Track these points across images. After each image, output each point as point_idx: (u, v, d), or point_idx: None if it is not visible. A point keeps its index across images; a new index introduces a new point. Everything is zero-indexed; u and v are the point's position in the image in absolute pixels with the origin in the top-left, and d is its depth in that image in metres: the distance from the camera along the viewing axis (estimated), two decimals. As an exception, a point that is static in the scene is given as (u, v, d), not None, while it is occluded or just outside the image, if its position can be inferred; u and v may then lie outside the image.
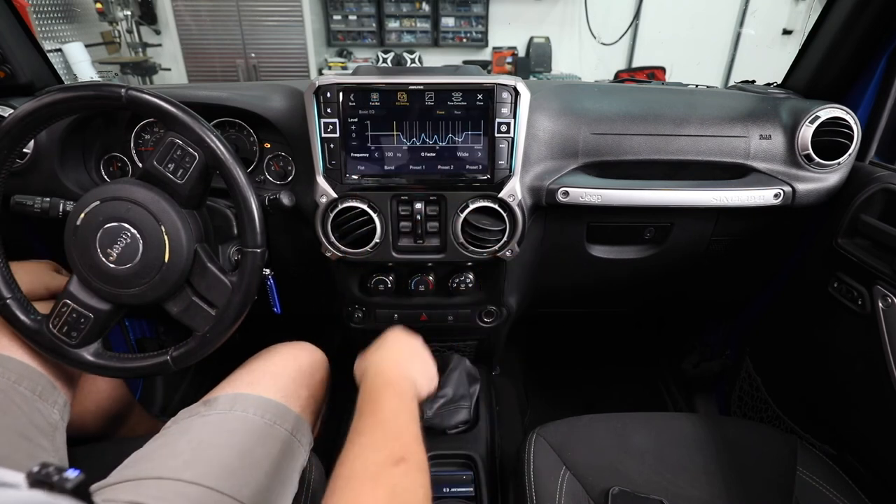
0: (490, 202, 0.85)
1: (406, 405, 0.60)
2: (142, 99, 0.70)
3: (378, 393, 0.60)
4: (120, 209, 0.72)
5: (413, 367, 0.72)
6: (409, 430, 0.55)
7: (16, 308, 0.74)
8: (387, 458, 0.49)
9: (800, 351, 1.05)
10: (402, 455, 0.50)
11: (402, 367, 0.69)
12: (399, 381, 0.64)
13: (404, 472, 0.49)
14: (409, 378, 0.67)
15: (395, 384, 0.63)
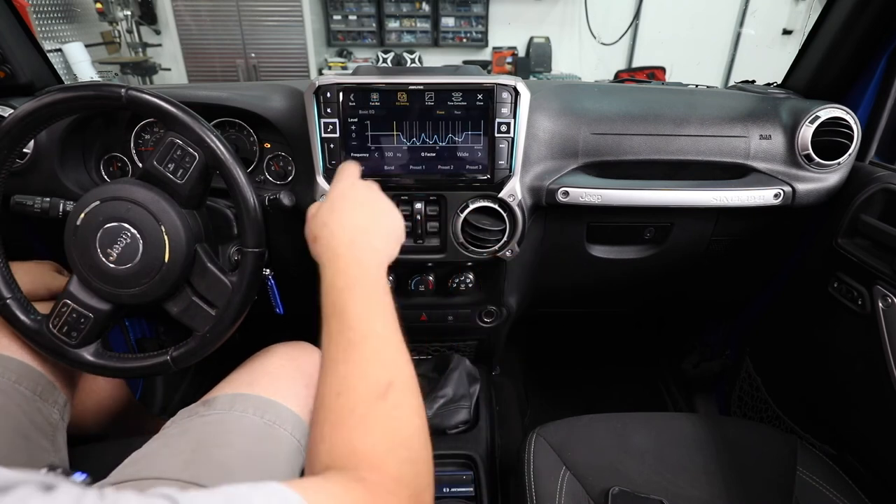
0: (490, 202, 0.85)
1: (379, 307, 0.52)
2: (142, 99, 0.70)
3: (343, 299, 0.51)
4: (120, 209, 0.72)
5: (376, 236, 0.59)
6: (389, 341, 0.49)
7: (16, 308, 0.74)
8: (373, 388, 0.44)
9: (800, 351, 1.05)
10: (388, 381, 0.45)
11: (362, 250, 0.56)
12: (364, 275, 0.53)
13: (395, 404, 0.44)
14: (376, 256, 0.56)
15: (360, 281, 0.53)
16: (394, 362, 0.47)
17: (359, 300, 0.51)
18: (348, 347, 0.47)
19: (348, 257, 0.55)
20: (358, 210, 0.61)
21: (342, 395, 0.44)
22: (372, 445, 0.41)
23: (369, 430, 0.41)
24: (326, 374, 0.46)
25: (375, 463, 0.39)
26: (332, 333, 0.49)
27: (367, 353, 0.47)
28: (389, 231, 0.63)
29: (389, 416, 0.43)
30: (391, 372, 0.46)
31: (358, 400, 0.43)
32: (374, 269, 0.55)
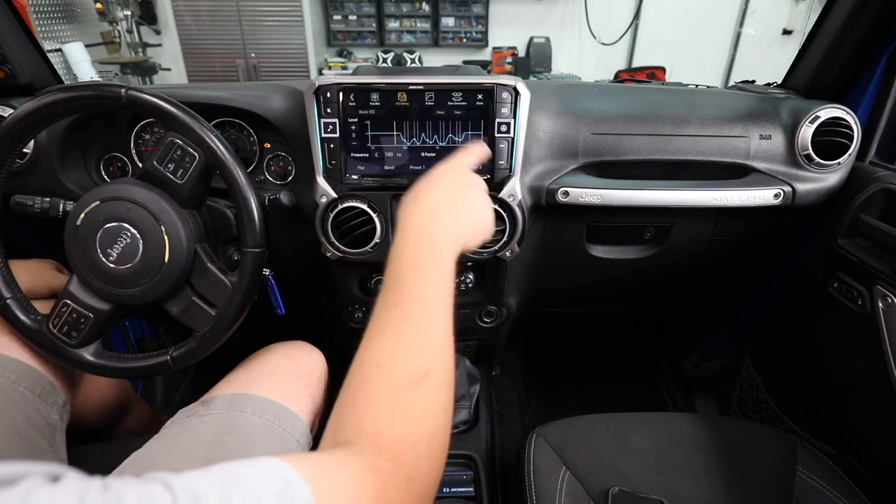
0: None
1: (436, 286, 0.49)
2: (142, 99, 0.70)
3: (405, 273, 0.49)
4: (120, 209, 0.72)
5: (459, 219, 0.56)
6: (439, 326, 0.47)
7: (16, 308, 0.74)
8: (412, 371, 0.43)
9: (800, 351, 1.05)
10: (427, 368, 0.44)
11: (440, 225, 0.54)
12: (433, 251, 0.51)
13: (427, 394, 0.43)
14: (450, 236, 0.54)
15: (428, 257, 0.50)
16: (438, 351, 0.46)
17: (421, 275, 0.49)
18: (400, 321, 0.46)
19: (423, 229, 0.53)
20: (450, 189, 0.59)
21: (383, 367, 0.43)
22: (397, 433, 0.40)
23: (399, 417, 0.41)
24: (371, 342, 0.45)
25: (396, 453, 0.39)
26: (387, 302, 0.48)
27: (416, 333, 0.46)
28: (474, 219, 0.60)
29: (421, 406, 0.43)
30: (433, 360, 0.45)
31: (395, 379, 0.43)
32: (445, 250, 0.52)
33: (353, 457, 0.38)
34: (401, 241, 0.52)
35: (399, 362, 0.44)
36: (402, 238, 0.53)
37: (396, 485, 0.38)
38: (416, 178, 0.83)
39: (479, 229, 0.61)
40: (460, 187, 0.60)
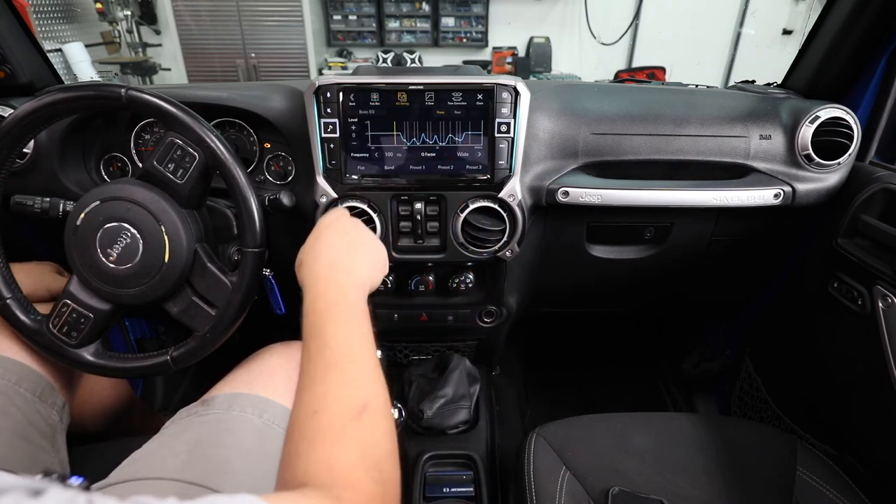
0: (490, 202, 0.85)
1: (356, 329, 0.52)
2: (142, 99, 0.70)
3: (322, 321, 0.52)
4: (120, 209, 0.72)
5: (358, 264, 0.61)
6: (365, 364, 0.50)
7: (16, 308, 0.74)
8: (349, 408, 0.45)
9: (800, 351, 1.05)
10: (363, 402, 0.46)
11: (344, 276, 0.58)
12: (342, 297, 0.55)
13: (369, 425, 0.45)
14: (357, 284, 0.58)
15: (338, 303, 0.54)
16: (370, 385, 0.48)
17: (337, 322, 0.52)
18: (326, 368, 0.48)
19: (328, 279, 0.56)
20: (341, 237, 0.64)
21: (319, 413, 0.45)
22: (348, 464, 0.42)
23: (346, 449, 0.42)
24: (303, 393, 0.47)
25: (351, 481, 0.40)
26: (310, 354, 0.50)
27: (344, 374, 0.48)
28: (372, 258, 0.65)
29: (364, 436, 0.44)
30: (367, 394, 0.47)
31: (334, 418, 0.44)
32: (353, 293, 0.56)
33: (313, 492, 0.39)
34: (310, 295, 0.55)
35: (335, 403, 0.45)
36: (311, 292, 0.55)
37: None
38: (415, 177, 0.84)
39: (379, 266, 0.66)
40: (348, 233, 0.65)
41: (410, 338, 1.18)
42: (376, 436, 0.45)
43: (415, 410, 1.06)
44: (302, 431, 0.44)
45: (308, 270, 0.58)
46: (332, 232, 0.64)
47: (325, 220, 0.67)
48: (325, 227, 0.65)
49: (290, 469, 0.43)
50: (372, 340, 0.52)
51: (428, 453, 1.05)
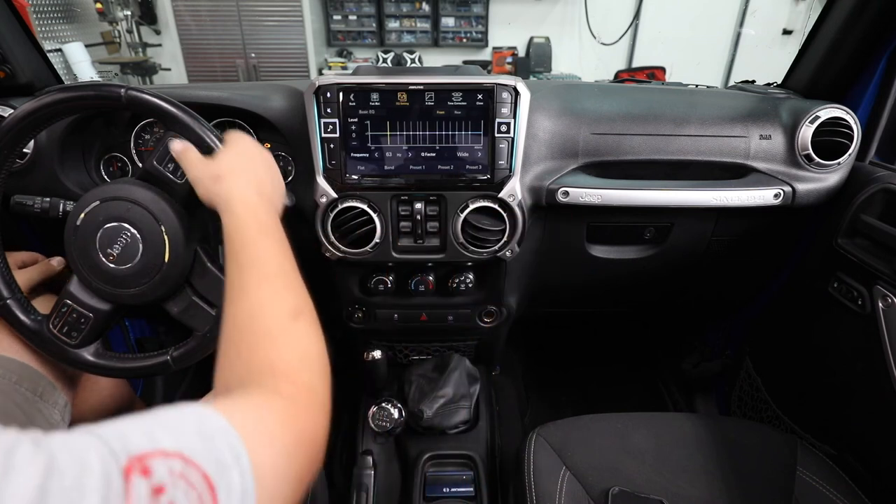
0: (490, 202, 0.85)
1: (282, 246, 0.56)
2: (141, 99, 0.70)
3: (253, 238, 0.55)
4: (120, 209, 0.72)
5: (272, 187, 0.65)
6: (295, 276, 0.53)
7: (16, 308, 0.74)
8: (286, 313, 0.48)
9: (800, 351, 1.05)
10: (299, 308, 0.50)
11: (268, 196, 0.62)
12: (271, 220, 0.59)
13: (305, 327, 0.48)
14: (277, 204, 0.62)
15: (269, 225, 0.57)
16: (302, 295, 0.52)
17: (266, 239, 0.55)
18: (259, 280, 0.51)
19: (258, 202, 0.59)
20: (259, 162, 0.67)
21: (257, 318, 0.48)
22: (288, 361, 0.45)
23: (285, 348, 0.46)
24: (238, 301, 0.49)
25: (291, 376, 0.43)
26: (241, 267, 0.52)
27: (277, 285, 0.51)
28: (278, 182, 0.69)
29: (302, 336, 0.48)
30: (300, 301, 0.51)
31: (273, 322, 0.47)
32: (276, 216, 0.60)
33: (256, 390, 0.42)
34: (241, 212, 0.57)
35: (273, 308, 0.49)
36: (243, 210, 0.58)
37: (302, 399, 0.42)
38: (415, 177, 0.84)
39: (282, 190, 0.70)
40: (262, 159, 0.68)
41: (410, 338, 1.18)
42: (311, 337, 0.49)
43: (415, 410, 1.06)
44: (241, 335, 0.46)
45: (233, 187, 0.60)
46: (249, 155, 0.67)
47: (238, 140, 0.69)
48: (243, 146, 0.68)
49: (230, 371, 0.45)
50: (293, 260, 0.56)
51: (428, 453, 1.05)
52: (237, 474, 0.32)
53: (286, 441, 0.38)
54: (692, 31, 4.26)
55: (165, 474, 0.28)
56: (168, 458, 0.28)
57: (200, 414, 0.33)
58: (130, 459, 0.27)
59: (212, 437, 0.32)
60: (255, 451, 0.34)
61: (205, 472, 0.30)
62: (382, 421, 1.04)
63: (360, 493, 0.98)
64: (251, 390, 0.42)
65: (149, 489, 0.26)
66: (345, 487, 1.05)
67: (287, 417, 0.39)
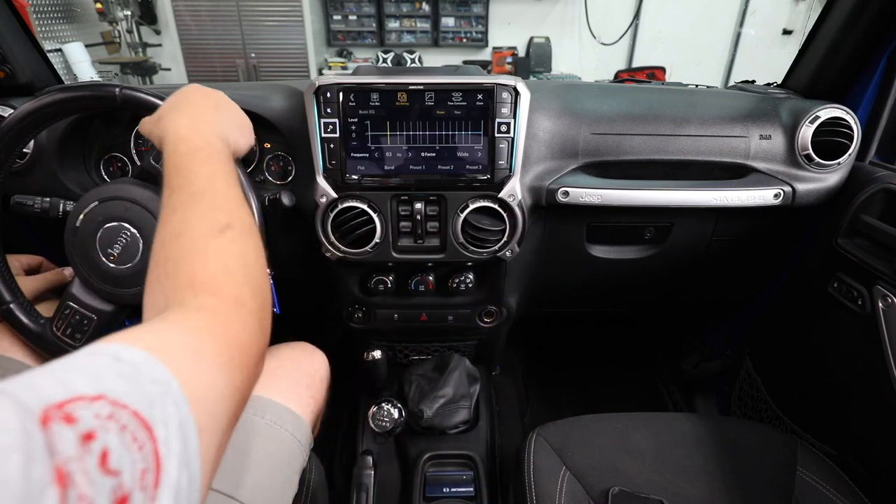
0: (490, 202, 0.85)
1: (220, 167, 0.54)
2: (136, 97, 0.70)
3: (185, 162, 0.52)
4: (119, 209, 0.72)
5: (220, 122, 0.62)
6: (228, 195, 0.51)
7: (19, 312, 0.74)
8: (210, 228, 0.46)
9: (800, 351, 1.05)
10: (226, 222, 0.47)
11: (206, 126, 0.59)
12: (207, 144, 0.56)
13: (232, 240, 0.46)
14: (220, 136, 0.59)
15: (203, 148, 0.55)
16: (233, 211, 0.49)
17: (202, 163, 0.53)
18: (189, 199, 0.49)
19: (190, 129, 0.57)
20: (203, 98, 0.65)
21: (182, 235, 0.45)
22: (211, 274, 0.42)
23: (208, 261, 0.43)
24: (166, 221, 0.48)
25: (213, 288, 0.41)
26: (172, 188, 0.50)
27: (207, 203, 0.49)
28: (234, 121, 0.67)
29: (227, 249, 0.45)
30: (230, 217, 0.48)
31: (197, 238, 0.45)
32: (217, 143, 0.57)
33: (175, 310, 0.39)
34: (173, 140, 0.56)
35: (198, 225, 0.46)
36: (173, 138, 0.56)
37: (226, 310, 0.40)
38: (415, 177, 0.84)
39: (241, 128, 0.68)
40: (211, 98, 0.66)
41: (410, 338, 1.18)
42: (240, 248, 0.46)
43: (415, 410, 1.06)
44: (166, 255, 0.45)
45: (168, 122, 0.59)
46: (193, 95, 0.65)
47: (186, 87, 0.68)
48: (185, 91, 0.66)
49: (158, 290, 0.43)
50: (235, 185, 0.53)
51: (428, 453, 1.05)
52: (171, 403, 0.30)
53: (216, 355, 0.36)
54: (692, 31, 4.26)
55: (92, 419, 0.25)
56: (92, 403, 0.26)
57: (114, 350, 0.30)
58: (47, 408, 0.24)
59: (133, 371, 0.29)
60: (182, 373, 0.32)
61: (135, 410, 0.28)
62: (382, 421, 1.04)
63: (360, 493, 0.98)
64: (171, 312, 0.39)
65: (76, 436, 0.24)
66: (345, 487, 1.05)
67: (211, 331, 0.37)
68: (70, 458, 0.24)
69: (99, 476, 0.24)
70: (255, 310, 0.43)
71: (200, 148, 0.55)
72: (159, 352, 0.32)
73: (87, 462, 0.24)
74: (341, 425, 1.28)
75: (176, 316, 0.38)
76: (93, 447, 0.25)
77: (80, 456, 0.24)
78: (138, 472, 0.26)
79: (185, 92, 0.66)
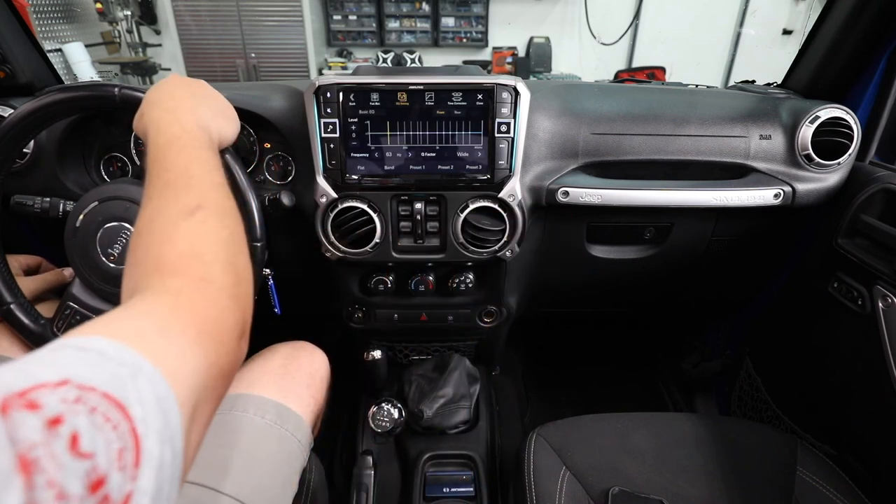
0: (490, 202, 0.85)
1: (198, 155, 0.53)
2: (135, 98, 0.70)
3: (162, 152, 0.52)
4: (119, 209, 0.72)
5: (200, 110, 0.62)
6: (203, 179, 0.50)
7: (19, 313, 0.74)
8: (180, 211, 0.45)
9: (800, 351, 1.05)
10: (196, 203, 0.46)
11: (184, 115, 0.59)
12: (185, 132, 0.56)
13: (202, 220, 0.45)
14: (199, 124, 0.59)
15: (181, 137, 0.55)
16: (205, 192, 0.49)
17: (179, 151, 0.53)
18: (163, 186, 0.48)
19: (170, 120, 0.57)
20: (183, 88, 0.65)
21: (154, 220, 0.45)
22: (177, 255, 0.42)
23: (174, 244, 0.43)
24: (142, 211, 0.47)
25: (177, 269, 0.41)
26: (151, 178, 0.50)
27: (180, 187, 0.48)
28: (216, 108, 0.66)
29: (195, 229, 0.45)
30: (200, 198, 0.47)
31: (166, 221, 0.45)
32: (196, 131, 0.57)
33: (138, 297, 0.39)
34: (153, 132, 0.55)
35: (167, 210, 0.46)
36: (154, 129, 0.56)
37: (191, 289, 0.39)
38: (415, 177, 0.84)
39: (225, 116, 0.68)
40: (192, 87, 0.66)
41: (410, 338, 1.18)
42: (211, 227, 0.46)
43: (415, 410, 1.06)
44: (138, 242, 0.44)
45: (148, 116, 0.59)
46: (174, 85, 0.65)
47: (167, 78, 0.67)
48: (165, 82, 0.66)
49: (127, 282, 0.43)
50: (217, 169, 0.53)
51: (428, 453, 1.05)
52: (145, 381, 0.29)
53: (181, 332, 0.35)
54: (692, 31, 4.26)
55: (58, 404, 0.25)
56: (56, 389, 0.25)
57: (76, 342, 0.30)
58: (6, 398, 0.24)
59: (99, 358, 0.29)
60: (151, 353, 0.31)
61: (104, 391, 0.27)
62: (382, 421, 1.04)
63: (360, 493, 0.98)
64: (135, 299, 0.38)
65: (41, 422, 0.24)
66: (345, 487, 1.05)
67: (174, 311, 0.37)
68: (34, 444, 0.23)
69: (69, 460, 0.24)
70: (226, 286, 0.42)
71: (178, 137, 0.54)
72: (124, 337, 0.31)
73: (54, 446, 0.24)
74: (341, 425, 1.29)
75: (137, 302, 0.38)
76: (60, 431, 0.24)
77: (47, 441, 0.24)
78: (115, 452, 0.26)
79: (164, 84, 0.65)
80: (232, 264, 0.44)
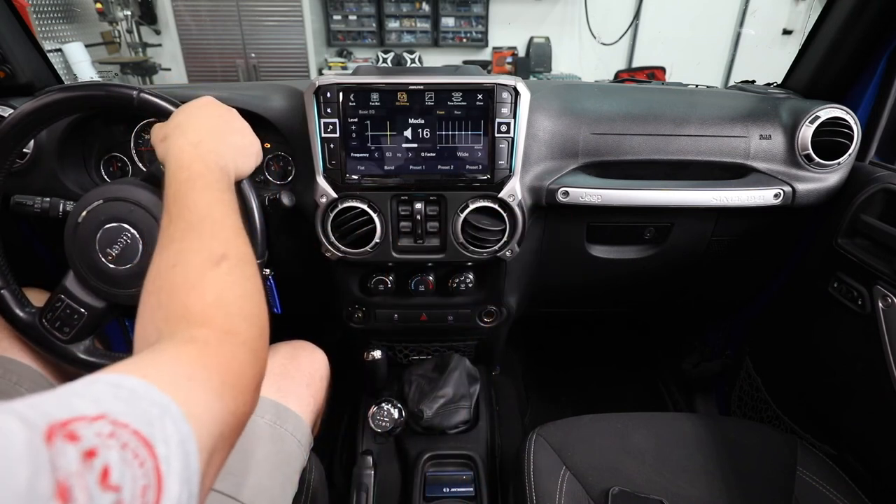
0: (490, 202, 0.85)
1: (218, 197, 0.53)
2: (152, 102, 0.70)
3: (184, 190, 0.52)
4: (122, 210, 0.72)
5: (224, 146, 0.62)
6: (225, 224, 0.51)
7: (10, 300, 0.74)
8: (206, 259, 0.46)
9: (800, 351, 1.05)
10: (222, 253, 0.47)
11: (208, 152, 0.58)
12: (208, 171, 0.56)
13: (227, 271, 0.46)
14: (221, 163, 0.59)
15: (204, 175, 0.55)
16: (229, 240, 0.50)
17: (201, 191, 0.53)
18: (186, 229, 0.49)
19: (193, 156, 0.57)
20: (210, 120, 0.64)
21: (177, 266, 0.46)
22: (203, 306, 0.43)
23: (202, 294, 0.44)
24: (162, 251, 0.48)
25: (205, 320, 0.42)
26: (171, 217, 0.51)
27: (204, 233, 0.49)
28: (240, 145, 0.66)
29: (222, 280, 0.46)
30: (225, 247, 0.48)
31: (192, 269, 0.46)
32: (217, 171, 0.57)
33: (167, 342, 0.40)
34: (173, 166, 0.56)
35: (193, 256, 0.47)
36: (174, 164, 0.56)
37: (217, 341, 0.40)
38: (415, 177, 0.84)
39: (246, 153, 0.67)
40: (220, 119, 0.66)
41: (410, 338, 1.18)
42: (236, 279, 0.47)
43: (415, 410, 1.06)
44: (161, 285, 0.45)
45: (172, 143, 0.59)
46: (202, 114, 0.65)
47: (199, 101, 0.68)
48: (195, 107, 0.65)
49: (150, 322, 0.44)
50: (235, 209, 0.54)
51: (428, 453, 1.05)
52: (170, 423, 0.31)
53: (206, 380, 0.37)
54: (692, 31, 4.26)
55: (94, 437, 0.26)
56: (93, 423, 0.27)
57: (111, 379, 0.31)
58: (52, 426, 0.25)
59: (131, 395, 0.30)
60: (178, 396, 0.33)
61: (135, 429, 0.28)
62: (382, 421, 1.04)
63: (360, 493, 0.98)
64: (162, 343, 0.40)
65: (78, 454, 0.25)
66: (345, 487, 1.05)
67: (201, 360, 0.38)
68: (71, 474, 0.24)
69: (98, 492, 0.25)
70: (248, 340, 0.43)
71: (201, 175, 0.55)
72: (154, 379, 0.33)
73: (87, 478, 0.25)
74: (341, 425, 1.29)
75: (167, 347, 0.39)
76: (94, 464, 0.25)
77: (81, 472, 0.25)
78: (139, 489, 0.27)
79: (195, 108, 0.65)
80: (256, 317, 0.46)
